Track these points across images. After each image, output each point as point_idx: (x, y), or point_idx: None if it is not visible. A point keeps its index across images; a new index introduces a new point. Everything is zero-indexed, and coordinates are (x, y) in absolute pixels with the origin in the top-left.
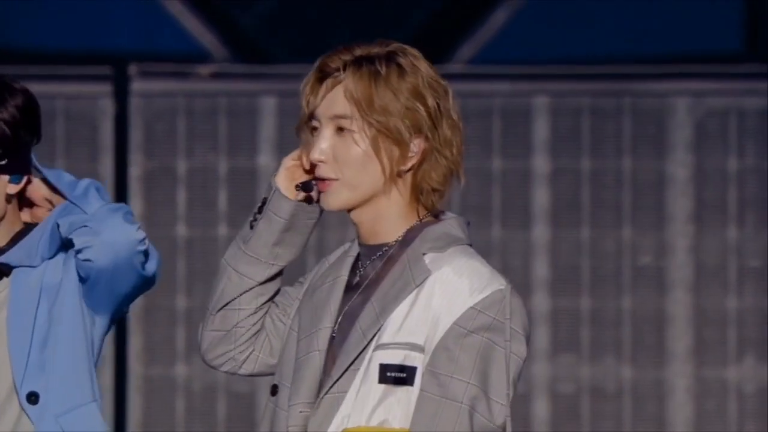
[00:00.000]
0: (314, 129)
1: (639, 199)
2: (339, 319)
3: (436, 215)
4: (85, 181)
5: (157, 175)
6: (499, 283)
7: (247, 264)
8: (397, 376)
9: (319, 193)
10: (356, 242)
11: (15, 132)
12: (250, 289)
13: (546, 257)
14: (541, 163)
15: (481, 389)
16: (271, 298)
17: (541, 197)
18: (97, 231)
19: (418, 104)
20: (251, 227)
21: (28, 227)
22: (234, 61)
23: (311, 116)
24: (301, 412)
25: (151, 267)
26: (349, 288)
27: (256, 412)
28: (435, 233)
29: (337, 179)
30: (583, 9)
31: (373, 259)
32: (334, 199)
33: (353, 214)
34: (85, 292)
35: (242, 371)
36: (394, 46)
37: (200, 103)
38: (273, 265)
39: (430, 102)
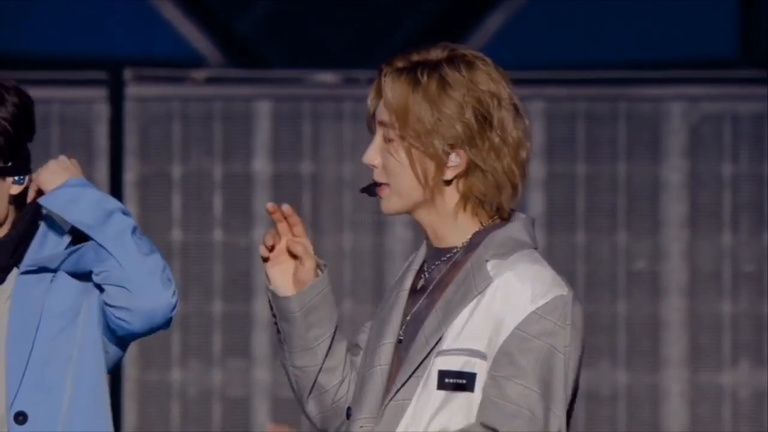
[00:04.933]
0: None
1: (634, 204)
2: (405, 325)
3: (504, 216)
4: (117, 220)
5: (152, 179)
6: (560, 289)
7: (300, 357)
8: (456, 382)
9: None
10: (423, 247)
11: (17, 133)
12: (320, 368)
13: None
14: (536, 168)
15: (540, 395)
16: (345, 354)
17: (536, 202)
18: (137, 297)
19: (455, 117)
20: (278, 331)
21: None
22: (229, 65)
23: (373, 117)
24: (362, 427)
25: (175, 311)
26: (414, 292)
27: (251, 417)
28: (499, 238)
29: (387, 185)
30: (578, 15)
31: (438, 263)
32: (387, 203)
33: (414, 216)
34: (107, 328)
35: None
36: (453, 53)
37: (195, 108)
38: (322, 342)
39: (469, 114)
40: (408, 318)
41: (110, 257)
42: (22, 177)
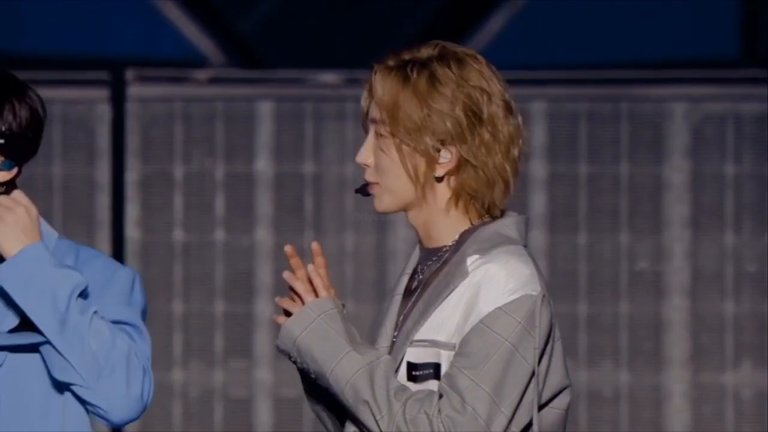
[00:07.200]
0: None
1: (636, 205)
2: (398, 327)
3: (495, 215)
4: (75, 320)
5: (154, 179)
6: (532, 289)
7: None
8: (423, 373)
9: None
10: (417, 250)
11: (33, 121)
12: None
13: (543, 262)
14: (538, 168)
15: (488, 393)
16: None
17: (538, 202)
18: (111, 412)
19: (445, 113)
20: (303, 380)
21: None
22: (231, 65)
23: (367, 116)
24: (354, 431)
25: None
26: (408, 293)
27: (253, 417)
28: (486, 234)
29: (377, 183)
30: (581, 14)
31: (430, 263)
32: (379, 202)
33: (407, 217)
34: None
35: None
36: (443, 50)
37: (197, 108)
38: None
39: (458, 110)
40: (401, 319)
41: (73, 371)
42: (10, 163)
